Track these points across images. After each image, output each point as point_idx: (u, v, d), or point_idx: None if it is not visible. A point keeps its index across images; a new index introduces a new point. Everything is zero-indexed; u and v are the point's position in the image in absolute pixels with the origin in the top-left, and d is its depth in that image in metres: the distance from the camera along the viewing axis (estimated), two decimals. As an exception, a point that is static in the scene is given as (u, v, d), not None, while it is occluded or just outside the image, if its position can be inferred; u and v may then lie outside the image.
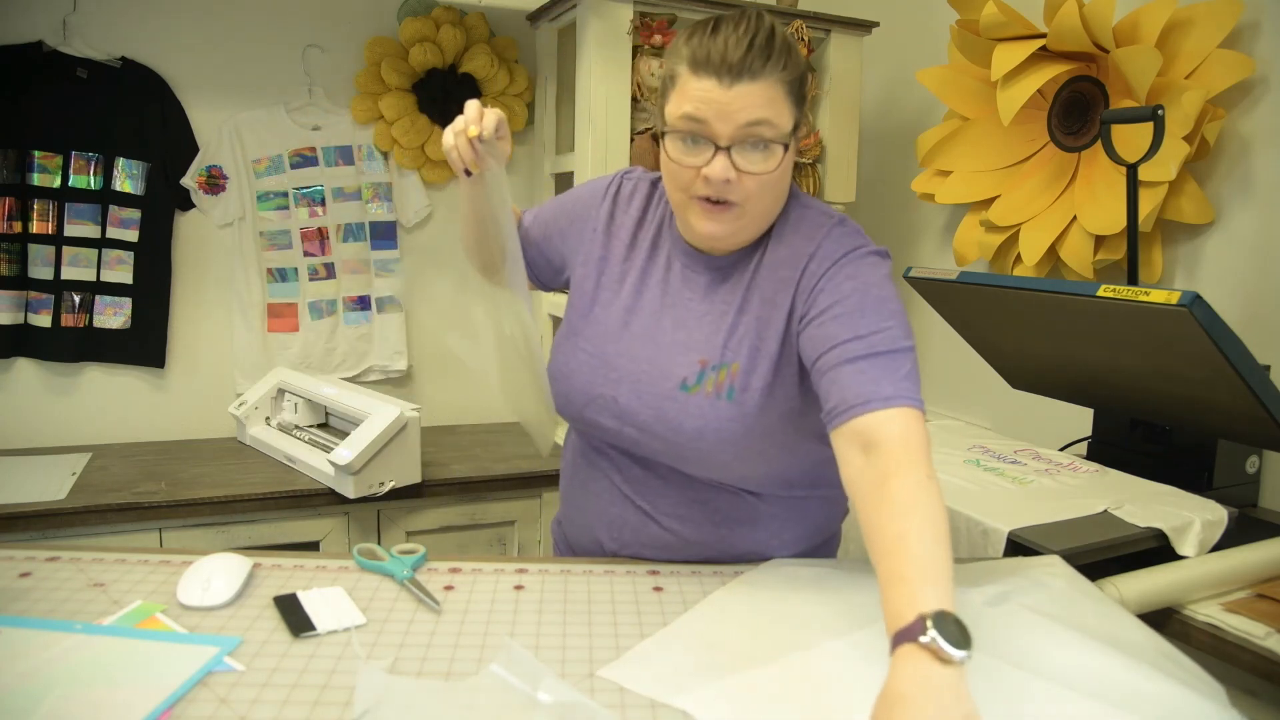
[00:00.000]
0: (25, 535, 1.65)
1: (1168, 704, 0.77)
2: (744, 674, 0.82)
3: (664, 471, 1.07)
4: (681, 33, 0.97)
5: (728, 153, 0.92)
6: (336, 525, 1.88)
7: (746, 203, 0.95)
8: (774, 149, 0.93)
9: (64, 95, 2.01)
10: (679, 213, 1.01)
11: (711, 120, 0.91)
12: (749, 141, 0.92)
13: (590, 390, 1.06)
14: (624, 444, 1.08)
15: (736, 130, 0.91)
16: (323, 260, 2.28)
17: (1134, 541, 1.20)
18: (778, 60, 0.91)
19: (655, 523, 1.08)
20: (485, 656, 0.85)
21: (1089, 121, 1.78)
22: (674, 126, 0.94)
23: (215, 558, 1.00)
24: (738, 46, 0.90)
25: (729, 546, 1.08)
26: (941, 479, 1.41)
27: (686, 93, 0.92)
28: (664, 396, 1.01)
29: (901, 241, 2.43)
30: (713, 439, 0.99)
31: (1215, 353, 1.21)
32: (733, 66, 0.89)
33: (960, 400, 2.25)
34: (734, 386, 0.99)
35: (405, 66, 2.22)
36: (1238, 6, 1.54)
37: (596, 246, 1.11)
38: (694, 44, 0.92)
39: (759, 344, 1.00)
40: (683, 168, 0.94)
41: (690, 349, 1.02)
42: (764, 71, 0.90)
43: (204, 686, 0.79)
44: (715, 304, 1.03)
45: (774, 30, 0.93)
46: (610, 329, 1.07)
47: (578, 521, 1.18)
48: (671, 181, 0.98)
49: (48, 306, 2.06)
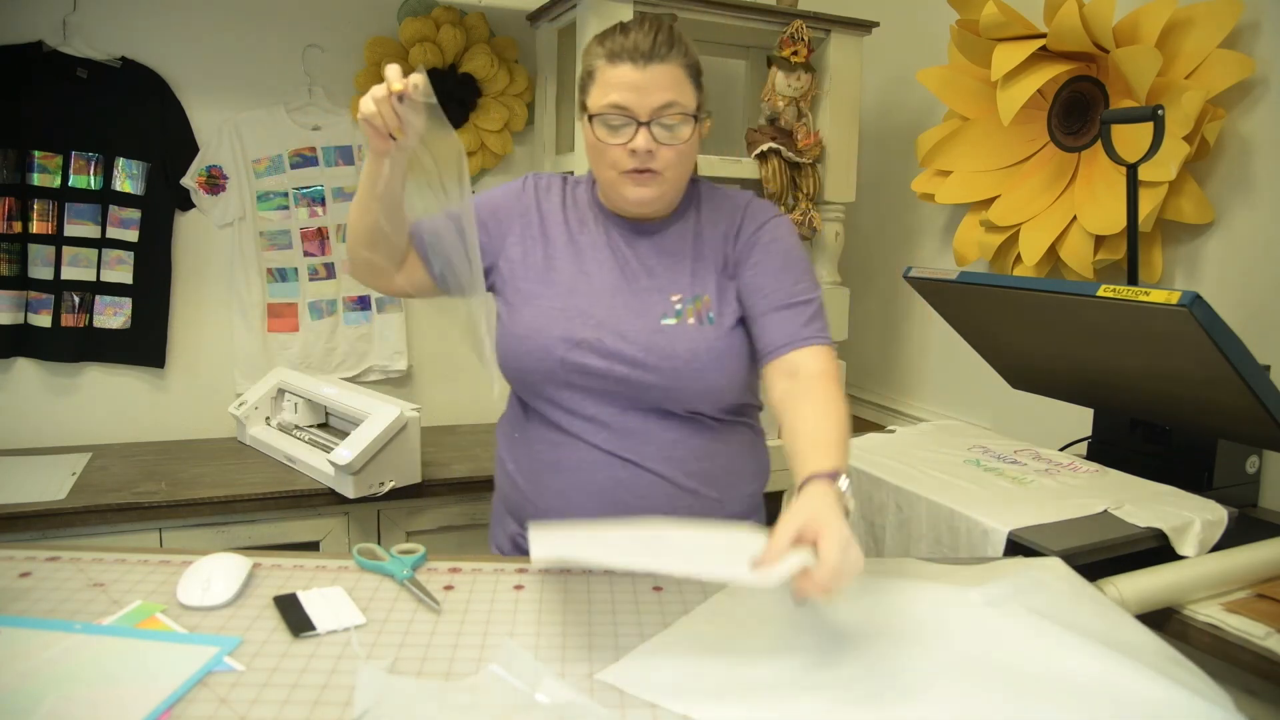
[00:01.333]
0: (25, 535, 1.65)
1: (1175, 710, 0.77)
2: (744, 678, 0.82)
3: (643, 417, 1.15)
4: (594, 38, 1.14)
5: (648, 128, 1.10)
6: (336, 525, 1.88)
7: (666, 170, 1.13)
8: (686, 122, 1.12)
9: (64, 95, 2.01)
10: (610, 188, 1.17)
11: (632, 104, 1.09)
12: (664, 118, 1.10)
13: (571, 336, 1.14)
14: (610, 385, 1.14)
15: (653, 109, 1.09)
16: (323, 260, 2.28)
17: (1134, 541, 1.20)
18: (679, 49, 1.11)
19: (646, 471, 1.15)
20: (485, 656, 0.85)
21: (1089, 121, 1.78)
22: (601, 111, 1.10)
23: (215, 558, 1.00)
24: (646, 38, 1.09)
25: (711, 485, 1.18)
26: (941, 479, 1.41)
27: (607, 81, 1.10)
28: (651, 331, 1.14)
29: (901, 241, 2.44)
30: (706, 358, 1.14)
31: (1215, 353, 1.21)
32: (645, 53, 1.08)
33: (960, 400, 2.25)
34: (711, 313, 1.16)
35: (405, 66, 2.21)
36: (1238, 6, 1.54)
37: (534, 226, 1.22)
38: (609, 43, 1.11)
39: (719, 279, 1.18)
40: (610, 146, 1.11)
41: (661, 291, 1.17)
42: (670, 56, 1.09)
43: (204, 686, 0.79)
44: (668, 256, 1.19)
45: (672, 28, 1.12)
46: (575, 286, 1.18)
47: (554, 509, 1.18)
48: (600, 160, 1.14)
49: (48, 306, 2.06)
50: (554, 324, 1.15)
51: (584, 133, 1.15)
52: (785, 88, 2.09)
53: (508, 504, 1.28)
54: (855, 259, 2.44)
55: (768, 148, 2.08)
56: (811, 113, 2.16)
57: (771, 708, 0.77)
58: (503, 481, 1.29)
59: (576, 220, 1.23)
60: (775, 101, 2.10)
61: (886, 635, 0.89)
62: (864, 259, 2.52)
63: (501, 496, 1.31)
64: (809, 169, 2.13)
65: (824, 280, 2.24)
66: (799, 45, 2.07)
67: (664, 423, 1.16)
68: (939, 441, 1.62)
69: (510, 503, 1.27)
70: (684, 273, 1.18)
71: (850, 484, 0.93)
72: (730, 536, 0.89)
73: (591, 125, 1.12)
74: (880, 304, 2.53)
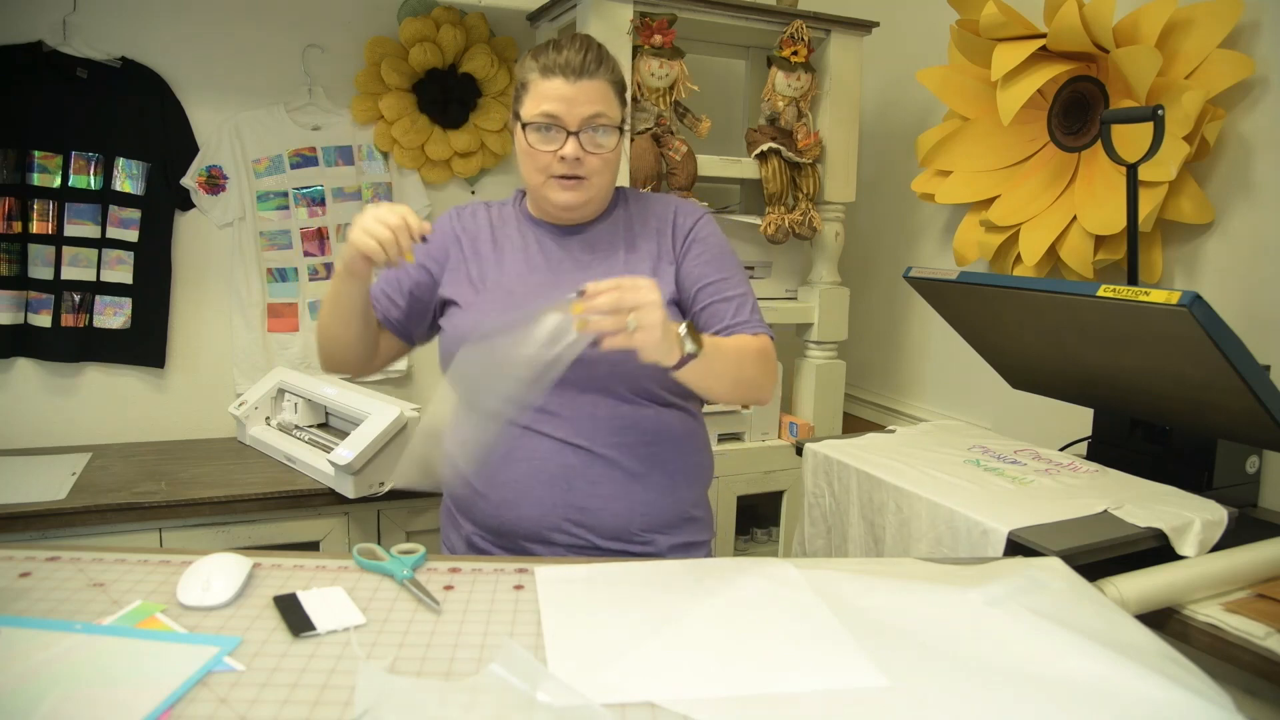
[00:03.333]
0: (25, 535, 1.65)
1: (1175, 710, 0.77)
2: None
3: (592, 403, 1.19)
4: (527, 53, 1.22)
5: (576, 137, 1.17)
6: (336, 525, 1.88)
7: (593, 176, 1.20)
8: (611, 133, 1.19)
9: (64, 95, 2.01)
10: (538, 192, 1.23)
11: (563, 114, 1.16)
12: (591, 128, 1.17)
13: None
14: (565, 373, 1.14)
15: (582, 120, 1.17)
16: (323, 260, 2.28)
17: (1134, 541, 1.20)
18: (606, 66, 1.19)
19: (599, 458, 1.19)
20: (485, 656, 0.85)
21: (1089, 121, 1.78)
22: (533, 120, 1.18)
23: (215, 558, 1.00)
24: (577, 55, 1.17)
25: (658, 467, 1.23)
26: (941, 479, 1.41)
27: (540, 93, 1.17)
28: None
29: (901, 241, 2.44)
30: None
31: (1215, 353, 1.21)
32: (576, 69, 1.16)
33: (960, 400, 2.25)
34: None
35: (405, 66, 2.22)
36: (1238, 6, 1.54)
37: (465, 249, 1.29)
38: (543, 58, 1.18)
39: (655, 263, 1.25)
40: (541, 153, 1.18)
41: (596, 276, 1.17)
42: (598, 73, 1.18)
43: (204, 686, 0.79)
44: (600, 249, 1.26)
45: (600, 46, 1.20)
46: (511, 288, 1.24)
47: (508, 500, 1.20)
48: (531, 165, 1.21)
49: (48, 306, 2.06)
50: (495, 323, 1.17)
51: (517, 140, 1.22)
52: (785, 88, 2.09)
53: (459, 505, 1.28)
54: (855, 259, 2.44)
55: (768, 148, 2.09)
56: (811, 113, 2.16)
57: (773, 707, 0.77)
58: (451, 483, 1.29)
59: (504, 233, 1.30)
60: (775, 101, 2.11)
61: (886, 635, 0.89)
62: (864, 259, 2.52)
63: (451, 498, 1.30)
64: (809, 169, 2.14)
65: (824, 280, 2.24)
66: (799, 45, 2.07)
67: (613, 408, 1.20)
68: (939, 441, 1.62)
69: (462, 502, 1.27)
70: (618, 260, 1.25)
71: (694, 345, 1.03)
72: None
73: (525, 132, 1.19)
74: (880, 304, 2.53)
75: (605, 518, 1.20)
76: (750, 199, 2.37)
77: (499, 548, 1.24)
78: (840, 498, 1.52)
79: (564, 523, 1.20)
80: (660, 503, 1.23)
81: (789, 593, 0.98)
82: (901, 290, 2.42)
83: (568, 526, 1.20)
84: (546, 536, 1.20)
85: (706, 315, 1.24)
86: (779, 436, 2.26)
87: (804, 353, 2.29)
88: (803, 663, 0.84)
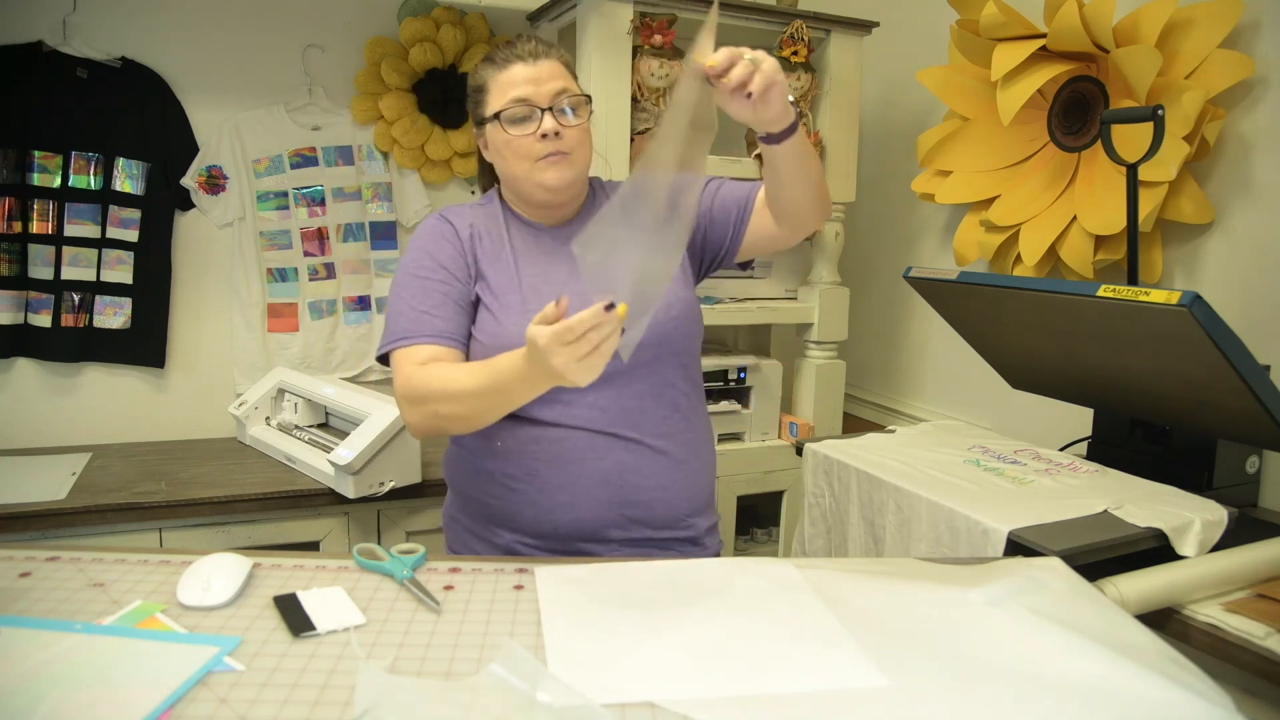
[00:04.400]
0: (25, 535, 1.65)
1: (1175, 710, 0.77)
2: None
3: (636, 397, 1.20)
4: (481, 60, 1.24)
5: (550, 112, 1.17)
6: (336, 525, 1.88)
7: (575, 150, 1.20)
8: (582, 104, 1.20)
9: (64, 95, 2.01)
10: (525, 181, 1.21)
11: (532, 94, 1.17)
12: (561, 103, 1.18)
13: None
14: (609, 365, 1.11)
15: (551, 97, 1.17)
16: (323, 260, 2.28)
17: (1134, 542, 1.20)
18: (556, 50, 1.22)
19: (649, 448, 1.20)
20: (485, 656, 0.85)
21: (1089, 121, 1.78)
22: (505, 109, 1.17)
23: (215, 558, 1.00)
24: (527, 44, 1.20)
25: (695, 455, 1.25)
26: (941, 479, 1.41)
27: (504, 83, 1.18)
28: None
29: (901, 241, 2.44)
30: (680, 308, 1.23)
31: (1215, 353, 1.21)
32: (532, 51, 1.19)
33: (960, 400, 2.25)
34: None
35: (405, 66, 2.22)
36: (1238, 6, 1.54)
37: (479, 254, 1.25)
38: (496, 56, 1.21)
39: None
40: (521, 138, 1.17)
41: None
42: (550, 53, 1.20)
43: (204, 686, 0.79)
44: None
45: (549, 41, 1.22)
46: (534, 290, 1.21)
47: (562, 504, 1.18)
48: (513, 156, 1.19)
49: (48, 306, 2.06)
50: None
51: (489, 140, 1.22)
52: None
53: (496, 516, 1.24)
54: (855, 259, 2.44)
55: (768, 148, 2.08)
56: (811, 113, 2.16)
57: (773, 707, 0.77)
58: (483, 493, 1.25)
59: (503, 237, 1.26)
60: (775, 101, 2.10)
61: (886, 635, 0.89)
62: (864, 259, 2.52)
63: (483, 510, 1.26)
64: (809, 169, 2.13)
65: (824, 280, 2.24)
66: (799, 45, 2.07)
67: (656, 396, 1.22)
68: (939, 441, 1.63)
69: (501, 513, 1.23)
70: None
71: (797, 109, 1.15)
72: None
73: (499, 125, 1.18)
74: (880, 304, 2.53)
75: (659, 508, 1.21)
76: (750, 199, 2.36)
77: (547, 552, 1.21)
78: (840, 498, 1.52)
79: (620, 519, 1.19)
80: (700, 485, 1.26)
81: (789, 593, 0.98)
82: (901, 290, 2.42)
83: (623, 522, 1.20)
84: (604, 535, 1.19)
85: (721, 204, 1.28)
86: (779, 436, 2.26)
87: (804, 353, 2.29)
88: (803, 663, 0.84)
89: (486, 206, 1.30)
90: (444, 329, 1.17)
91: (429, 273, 1.21)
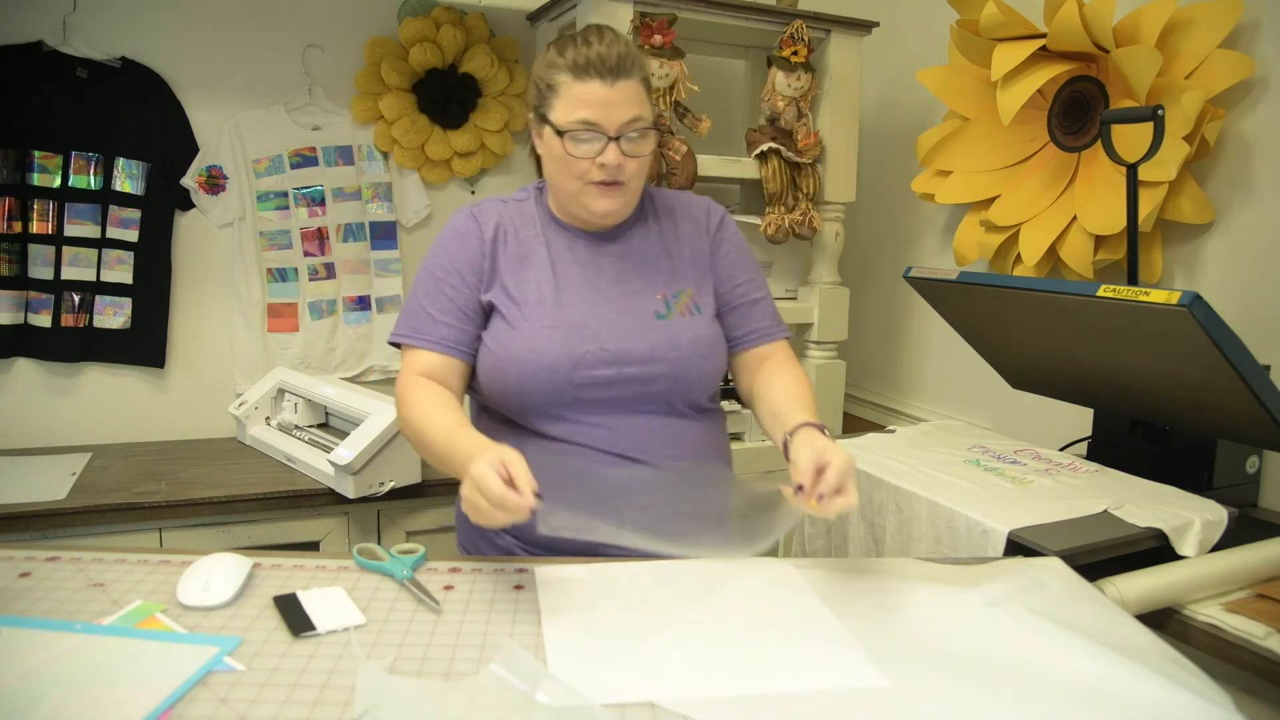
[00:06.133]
0: (25, 535, 1.65)
1: (1175, 710, 0.77)
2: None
3: (645, 418, 1.18)
4: (550, 48, 1.16)
5: (617, 142, 1.12)
6: (336, 525, 1.88)
7: (630, 181, 1.16)
8: (648, 135, 1.15)
9: (64, 95, 2.01)
10: (574, 199, 1.17)
11: (602, 120, 1.11)
12: (631, 132, 1.12)
13: (574, 350, 1.15)
14: (619, 391, 1.15)
15: (621, 125, 1.12)
16: (323, 260, 2.28)
17: (1134, 541, 1.20)
18: (639, 65, 1.14)
19: (655, 469, 1.16)
20: (485, 656, 0.85)
21: (1089, 121, 1.78)
22: (571, 128, 1.12)
23: (215, 558, 1.00)
24: (610, 52, 1.11)
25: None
26: (941, 479, 1.41)
27: (575, 96, 1.11)
28: (648, 329, 1.18)
29: (901, 241, 2.44)
30: (705, 346, 1.21)
31: (1215, 353, 1.21)
32: (612, 68, 1.10)
33: (960, 400, 2.25)
34: (696, 304, 1.23)
35: (405, 66, 2.22)
36: (1238, 6, 1.54)
37: (499, 260, 1.21)
38: (571, 53, 1.12)
39: (695, 272, 1.25)
40: (578, 159, 1.13)
41: (642, 293, 1.21)
42: (632, 71, 1.12)
43: (204, 686, 0.79)
44: (635, 259, 1.23)
45: (628, 42, 1.15)
46: (558, 303, 1.18)
47: None
48: (566, 173, 1.15)
49: (48, 306, 2.06)
50: (554, 343, 1.15)
51: (545, 143, 1.16)
52: (785, 88, 2.09)
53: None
54: (855, 259, 2.44)
55: (768, 148, 2.09)
56: (811, 113, 2.16)
57: (773, 707, 0.77)
58: None
59: (529, 237, 1.23)
60: (775, 101, 2.10)
61: (886, 635, 0.89)
62: (864, 259, 2.52)
63: None
64: (809, 169, 2.13)
65: (824, 280, 2.24)
66: (799, 45, 2.07)
67: (663, 423, 1.19)
68: (939, 441, 1.62)
69: None
70: (660, 271, 1.23)
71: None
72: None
73: (561, 139, 1.12)
74: (880, 304, 2.53)
75: None
76: (750, 199, 2.36)
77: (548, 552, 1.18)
78: (840, 498, 1.52)
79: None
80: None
81: (789, 593, 0.99)
82: (901, 290, 2.42)
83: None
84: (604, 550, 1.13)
85: (735, 317, 1.26)
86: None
87: (804, 353, 2.29)
88: (803, 663, 0.84)
89: (523, 204, 1.26)
90: (446, 336, 1.18)
91: (444, 274, 1.20)
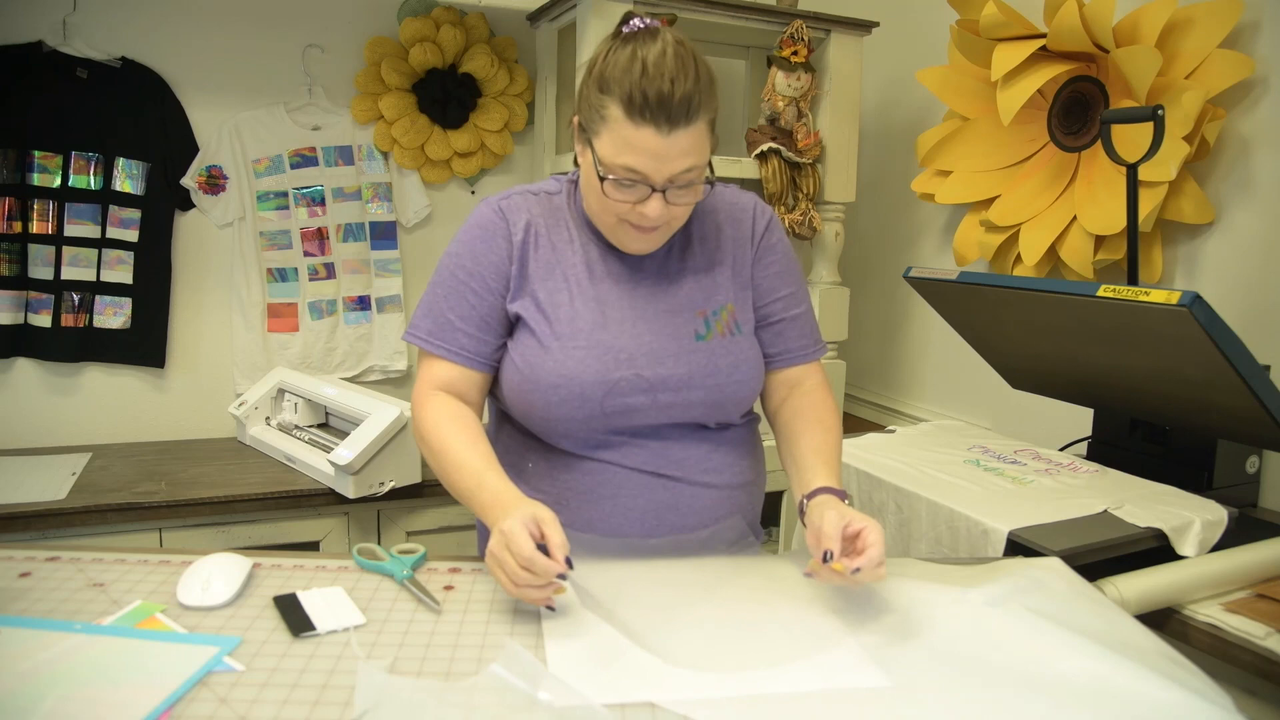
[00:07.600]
0: (25, 535, 1.65)
1: (1175, 710, 0.77)
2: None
3: (679, 432, 1.12)
4: (607, 58, 0.99)
5: (663, 195, 1.00)
6: (336, 525, 1.88)
7: (672, 223, 1.06)
8: (699, 181, 1.03)
9: (64, 95, 2.01)
10: (610, 232, 1.08)
11: (650, 171, 0.98)
12: (679, 181, 1.00)
13: (607, 377, 1.06)
14: (652, 418, 1.09)
15: (669, 177, 0.99)
16: (323, 260, 2.27)
17: (1134, 541, 1.20)
18: (709, 101, 0.98)
19: (690, 485, 1.11)
20: (485, 656, 0.85)
21: (1089, 121, 1.78)
22: (614, 173, 0.99)
23: (215, 558, 1.00)
24: (676, 90, 0.94)
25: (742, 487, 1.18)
26: (941, 479, 1.41)
27: (625, 139, 0.97)
28: (687, 352, 1.09)
29: (901, 241, 2.44)
30: (745, 371, 1.12)
31: (1215, 353, 1.21)
32: (671, 114, 0.95)
33: (960, 400, 2.25)
34: (737, 322, 1.14)
35: (405, 66, 2.22)
36: (1238, 6, 1.54)
37: (529, 265, 1.10)
38: (629, 85, 0.95)
39: (736, 284, 1.15)
40: (618, 203, 1.01)
41: (681, 311, 1.11)
42: (694, 118, 0.96)
43: (204, 686, 0.79)
44: (673, 274, 1.13)
45: (697, 61, 0.98)
46: (593, 322, 1.08)
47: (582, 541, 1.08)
48: (604, 209, 1.04)
49: (48, 306, 2.06)
50: (586, 367, 1.05)
51: (584, 165, 1.04)
52: (785, 88, 2.09)
53: None
54: (855, 259, 2.44)
55: (768, 148, 2.09)
56: (811, 113, 2.16)
57: (773, 707, 0.77)
58: None
59: (570, 244, 1.12)
60: (775, 101, 2.10)
61: (886, 635, 0.89)
62: (864, 259, 2.52)
63: None
64: (809, 169, 2.13)
65: (824, 280, 2.24)
66: (799, 45, 2.07)
67: (697, 439, 1.13)
68: (939, 441, 1.62)
69: None
70: (700, 286, 1.13)
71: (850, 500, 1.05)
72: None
73: (601, 183, 1.00)
74: (880, 304, 2.53)
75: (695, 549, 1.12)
76: (750, 199, 2.36)
77: None
78: (840, 498, 1.52)
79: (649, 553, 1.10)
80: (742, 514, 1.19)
81: (789, 593, 0.99)
82: (901, 290, 2.42)
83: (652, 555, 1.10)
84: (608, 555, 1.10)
85: (770, 334, 1.17)
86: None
87: (804, 353, 2.29)
88: (803, 663, 0.84)
89: (554, 197, 1.14)
90: (467, 346, 1.09)
91: (467, 277, 1.09)
